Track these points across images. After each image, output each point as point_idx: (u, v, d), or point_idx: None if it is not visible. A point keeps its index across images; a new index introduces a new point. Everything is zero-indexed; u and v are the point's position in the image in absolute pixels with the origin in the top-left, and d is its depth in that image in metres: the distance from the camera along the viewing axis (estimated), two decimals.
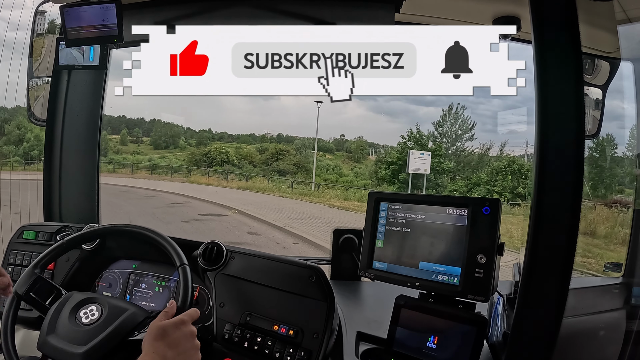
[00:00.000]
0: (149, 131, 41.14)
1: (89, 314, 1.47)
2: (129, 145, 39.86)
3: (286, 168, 34.32)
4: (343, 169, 35.59)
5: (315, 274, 1.65)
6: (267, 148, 37.07)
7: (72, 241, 1.69)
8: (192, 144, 39.81)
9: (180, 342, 1.26)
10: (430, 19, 2.19)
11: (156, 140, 40.04)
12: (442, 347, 1.52)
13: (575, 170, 1.28)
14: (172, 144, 40.19)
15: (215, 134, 40.25)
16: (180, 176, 32.56)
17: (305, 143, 37.91)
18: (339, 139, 39.75)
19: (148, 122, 41.79)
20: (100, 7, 1.75)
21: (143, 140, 40.73)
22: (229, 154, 36.11)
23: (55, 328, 1.43)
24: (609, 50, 2.05)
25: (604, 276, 2.15)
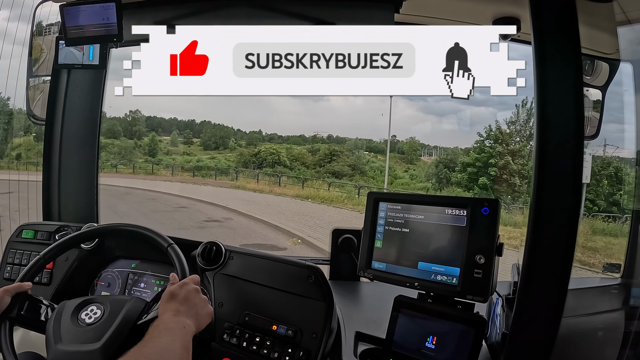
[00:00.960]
0: (200, 132, 41.00)
1: (91, 314, 1.47)
2: (180, 147, 39.60)
3: (341, 170, 32.41)
4: (397, 171, 33.76)
5: (314, 274, 1.65)
6: (319, 149, 35.42)
7: (69, 241, 1.70)
8: (242, 145, 39.32)
9: (188, 297, 1.37)
10: (430, 20, 2.19)
11: (206, 141, 39.74)
12: (440, 348, 1.52)
13: (574, 171, 1.28)
14: (221, 145, 39.78)
15: (265, 135, 39.74)
16: (226, 179, 30.98)
17: (358, 144, 36.52)
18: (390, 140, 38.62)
19: (199, 123, 41.64)
20: (100, 6, 1.75)
21: (193, 142, 40.52)
22: (280, 155, 34.32)
23: (62, 336, 1.41)
24: (609, 51, 2.05)
25: (603, 277, 2.15)
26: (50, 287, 1.92)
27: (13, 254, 2.05)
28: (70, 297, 1.76)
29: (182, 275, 1.55)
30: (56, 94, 2.38)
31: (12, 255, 2.05)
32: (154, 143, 38.17)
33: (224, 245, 1.82)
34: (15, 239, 2.10)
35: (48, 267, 1.93)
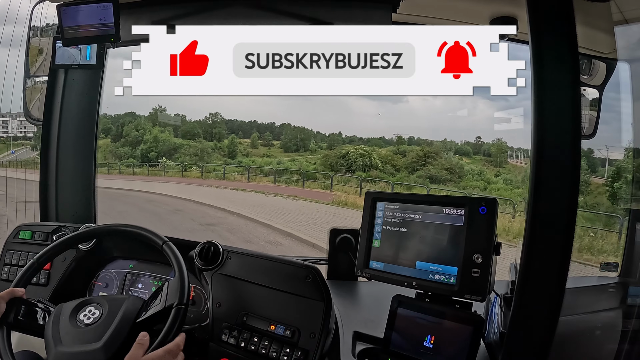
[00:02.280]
0: (280, 135, 40.64)
1: (89, 314, 1.47)
2: (260, 149, 39.18)
3: (438, 174, 28.61)
4: (488, 175, 30.52)
5: (312, 274, 1.65)
6: (405, 150, 32.34)
7: (62, 245, 1.69)
8: (323, 147, 38.28)
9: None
10: (428, 19, 2.20)
11: (286, 143, 39.26)
12: (438, 347, 1.52)
13: (572, 170, 1.28)
14: (302, 147, 39.19)
15: (345, 137, 38.57)
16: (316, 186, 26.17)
17: (447, 145, 33.46)
18: (474, 142, 35.59)
19: (279, 126, 41.38)
20: (98, 6, 1.75)
21: (273, 144, 40.19)
22: (371, 157, 31.12)
23: (61, 338, 1.41)
24: (606, 50, 2.06)
25: (600, 275, 2.15)
26: (47, 288, 1.92)
27: (10, 254, 2.05)
28: (68, 298, 1.76)
29: (179, 272, 1.52)
30: (53, 94, 2.38)
31: (10, 256, 2.05)
32: (233, 145, 37.95)
33: (221, 245, 1.82)
34: (12, 240, 2.09)
35: (45, 268, 1.93)
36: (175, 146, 37.49)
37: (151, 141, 37.81)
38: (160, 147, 37.03)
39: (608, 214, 13.76)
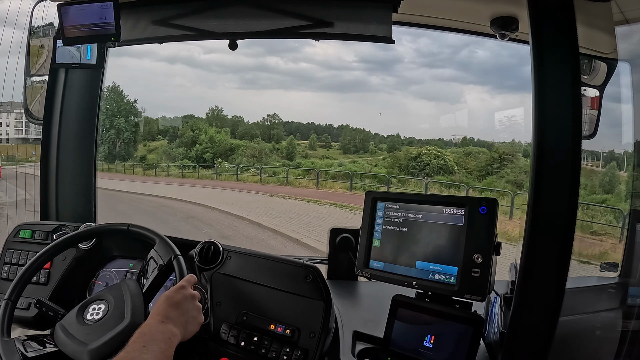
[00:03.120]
0: (338, 136, 40.30)
1: (98, 310, 1.50)
2: (318, 150, 39.07)
3: (517, 178, 25.16)
4: None
5: (312, 274, 1.65)
6: (471, 152, 31.05)
7: (65, 242, 1.70)
8: (383, 148, 37.65)
9: (182, 303, 1.38)
10: (428, 19, 2.20)
11: (345, 144, 39.07)
12: (438, 347, 1.52)
13: (572, 170, 1.28)
14: (361, 149, 38.85)
15: (403, 138, 38.46)
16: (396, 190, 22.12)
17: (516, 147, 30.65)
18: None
19: (336, 127, 41.21)
20: (98, 5, 1.75)
21: (332, 145, 39.96)
22: (446, 159, 28.73)
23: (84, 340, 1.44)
24: (607, 51, 2.05)
25: (600, 275, 2.15)
26: (47, 287, 1.92)
27: (11, 253, 2.05)
28: (68, 297, 1.78)
29: (159, 238, 1.64)
30: (54, 94, 2.39)
31: (10, 255, 2.05)
32: (292, 146, 37.63)
33: (221, 244, 1.82)
34: (12, 239, 2.10)
35: (46, 267, 1.93)
36: (232, 147, 36.63)
37: (207, 142, 37.09)
38: (216, 147, 36.33)
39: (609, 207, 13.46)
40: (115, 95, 47.39)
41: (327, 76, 59.01)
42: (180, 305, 1.38)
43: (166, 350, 1.24)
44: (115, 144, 45.63)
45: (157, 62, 63.68)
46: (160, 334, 1.27)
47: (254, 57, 61.80)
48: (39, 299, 1.63)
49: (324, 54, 56.88)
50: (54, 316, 1.60)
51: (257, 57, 61.63)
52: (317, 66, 60.33)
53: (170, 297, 1.39)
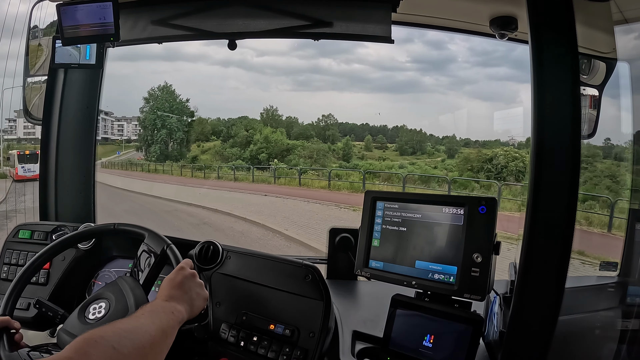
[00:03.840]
0: (392, 137, 39.82)
1: (98, 309, 1.50)
2: (374, 151, 38.69)
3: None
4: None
5: (312, 273, 1.65)
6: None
7: (65, 242, 1.70)
8: (441, 149, 36.93)
9: (183, 283, 1.42)
10: (427, 19, 2.20)
11: (402, 146, 38.67)
12: (438, 346, 1.52)
13: (571, 170, 1.28)
14: (419, 150, 38.35)
15: (459, 139, 38.34)
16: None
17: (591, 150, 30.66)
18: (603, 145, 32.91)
19: (391, 129, 40.80)
20: (97, 5, 1.75)
21: (388, 146, 39.54)
22: (525, 160, 25.68)
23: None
24: (606, 50, 2.06)
25: (599, 275, 2.15)
26: (47, 287, 1.92)
27: (10, 254, 2.05)
28: (67, 297, 1.78)
29: (148, 231, 1.67)
30: (53, 94, 2.38)
31: (9, 255, 2.05)
32: (348, 147, 37.18)
33: (221, 244, 1.82)
34: (12, 239, 2.10)
35: (45, 268, 1.93)
36: (289, 147, 35.77)
37: (262, 141, 36.24)
38: (271, 148, 35.64)
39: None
40: (167, 94, 46.91)
41: (380, 77, 58.86)
42: (183, 285, 1.42)
43: (169, 322, 1.25)
44: (167, 144, 45.16)
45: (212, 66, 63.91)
46: (162, 308, 1.29)
47: (307, 59, 61.59)
48: (38, 299, 1.63)
49: (376, 54, 56.66)
50: (54, 317, 1.60)
51: (309, 59, 61.39)
52: (369, 67, 60.21)
53: (171, 279, 1.42)
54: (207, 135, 45.06)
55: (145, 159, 46.10)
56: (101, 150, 65.34)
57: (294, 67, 64.42)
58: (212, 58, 64.88)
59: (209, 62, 66.60)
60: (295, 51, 66.09)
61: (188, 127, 45.44)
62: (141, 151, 50.90)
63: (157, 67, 68.15)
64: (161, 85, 47.56)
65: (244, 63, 65.08)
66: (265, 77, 66.37)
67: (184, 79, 63.61)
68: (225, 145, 38.38)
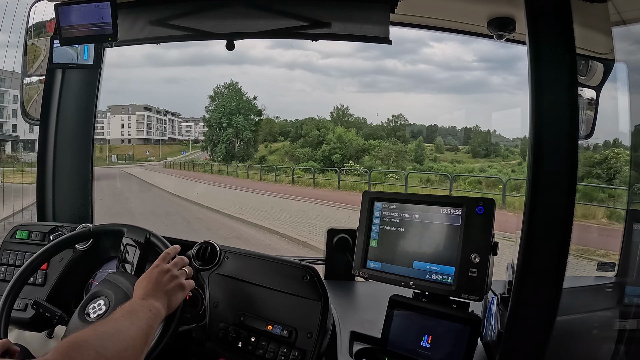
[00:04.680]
0: (463, 139, 39.23)
1: (97, 307, 1.50)
2: (445, 153, 37.87)
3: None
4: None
5: (309, 274, 1.65)
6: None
7: (62, 243, 1.70)
8: (515, 152, 35.35)
9: (158, 280, 1.44)
10: (425, 20, 2.20)
11: (475, 148, 37.78)
12: (436, 347, 1.52)
13: (569, 170, 1.28)
14: (492, 152, 37.36)
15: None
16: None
17: None
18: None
19: (460, 130, 40.15)
20: (95, 5, 1.75)
21: (459, 148, 38.84)
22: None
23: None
24: (603, 51, 2.06)
25: (597, 275, 2.15)
26: (44, 288, 1.92)
27: (7, 254, 2.05)
28: (65, 298, 1.77)
29: (161, 244, 1.68)
30: (50, 94, 2.38)
31: (7, 256, 2.05)
32: (420, 149, 36.01)
33: (218, 245, 1.82)
34: (9, 240, 2.09)
35: (42, 268, 1.92)
36: (364, 147, 34.30)
37: (334, 141, 34.85)
38: (345, 148, 34.44)
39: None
40: (233, 92, 46.40)
41: (447, 77, 58.51)
42: (159, 281, 1.43)
43: (148, 321, 1.28)
44: (234, 144, 44.50)
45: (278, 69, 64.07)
46: (140, 307, 1.31)
47: (372, 60, 61.42)
48: (36, 300, 1.63)
49: (442, 54, 56.34)
50: (51, 317, 1.60)
51: (375, 60, 61.21)
52: (435, 67, 59.94)
53: (146, 276, 1.45)
54: (274, 135, 44.04)
55: (211, 159, 45.03)
56: (167, 150, 65.91)
57: (360, 68, 64.36)
58: (277, 61, 65.28)
59: (274, 64, 67.05)
60: (360, 52, 66.07)
61: (255, 126, 44.80)
62: (206, 151, 50.32)
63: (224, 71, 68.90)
64: (227, 83, 46.38)
65: (310, 65, 65.21)
66: (330, 79, 66.48)
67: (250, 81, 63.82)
68: (296, 145, 37.22)
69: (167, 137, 69.96)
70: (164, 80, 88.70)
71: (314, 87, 66.94)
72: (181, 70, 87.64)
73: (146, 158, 62.28)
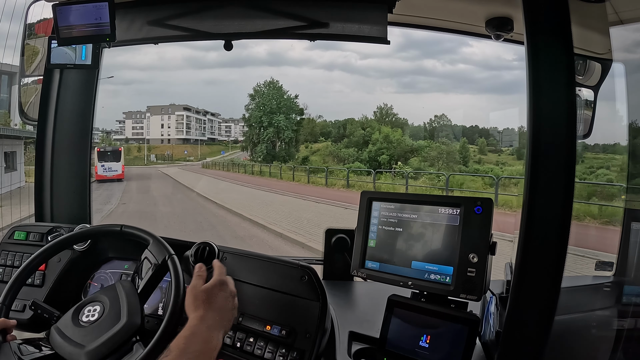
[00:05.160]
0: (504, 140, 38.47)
1: (93, 312, 1.50)
2: (488, 155, 37.27)
3: None
4: None
5: (308, 274, 1.65)
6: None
7: (60, 244, 1.70)
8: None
9: (224, 304, 1.42)
10: (423, 20, 2.20)
11: (520, 149, 36.41)
12: (434, 346, 1.52)
13: (566, 170, 1.28)
14: None
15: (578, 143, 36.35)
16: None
17: None
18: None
19: (501, 131, 39.70)
20: (93, 5, 1.75)
21: (502, 150, 38.23)
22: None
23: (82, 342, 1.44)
24: (601, 51, 2.06)
25: (595, 275, 2.16)
26: (43, 289, 1.91)
27: (5, 255, 2.04)
28: (63, 299, 1.77)
29: (152, 237, 1.64)
30: (48, 94, 2.37)
31: (4, 256, 2.04)
32: (464, 150, 35.32)
33: (217, 245, 1.82)
34: (7, 241, 2.09)
35: (41, 269, 1.92)
36: (412, 148, 32.86)
37: (381, 141, 33.34)
38: (393, 148, 33.29)
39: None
40: (274, 90, 45.15)
41: (486, 77, 58.05)
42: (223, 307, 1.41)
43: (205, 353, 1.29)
44: (275, 144, 43.31)
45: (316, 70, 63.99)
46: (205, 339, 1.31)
47: (411, 61, 61.12)
48: (34, 301, 1.62)
49: (481, 53, 55.87)
50: (49, 318, 1.59)
51: (413, 60, 60.90)
52: (475, 67, 59.59)
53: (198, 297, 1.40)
54: (315, 135, 43.00)
55: (251, 159, 43.96)
56: (207, 150, 65.68)
57: (398, 69, 64.10)
58: (316, 62, 65.39)
59: (313, 66, 67.20)
60: (398, 53, 65.75)
61: (297, 125, 43.85)
62: (246, 151, 49.26)
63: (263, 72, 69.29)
64: (267, 81, 45.18)
65: (348, 66, 65.15)
66: (369, 80, 66.36)
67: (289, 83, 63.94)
68: (339, 145, 36.36)
69: (207, 137, 69.99)
70: (204, 82, 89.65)
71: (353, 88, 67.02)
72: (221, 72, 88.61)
73: (185, 158, 61.98)
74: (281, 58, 68.67)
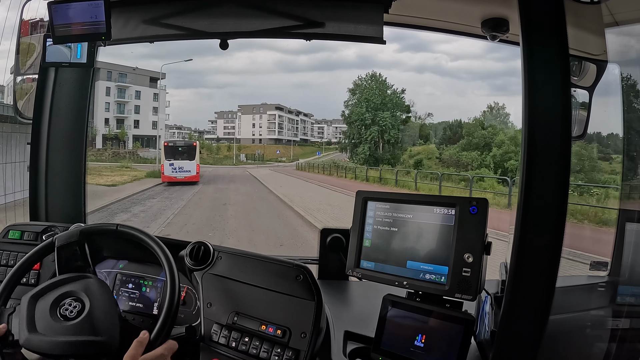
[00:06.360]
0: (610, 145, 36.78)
1: (70, 307, 1.48)
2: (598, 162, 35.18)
3: None
4: None
5: (303, 274, 1.65)
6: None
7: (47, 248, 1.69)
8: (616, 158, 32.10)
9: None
10: (419, 20, 2.21)
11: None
12: (429, 346, 1.53)
13: (561, 171, 1.29)
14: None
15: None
16: None
17: None
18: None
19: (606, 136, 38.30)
20: (89, 4, 1.74)
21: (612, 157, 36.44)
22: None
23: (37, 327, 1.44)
24: (596, 52, 2.07)
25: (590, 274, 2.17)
26: None
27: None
28: None
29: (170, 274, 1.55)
30: (43, 93, 2.36)
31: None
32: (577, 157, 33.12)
33: (212, 245, 1.82)
34: (1, 240, 2.07)
35: (35, 268, 1.91)
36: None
37: (508, 143, 29.40)
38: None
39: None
40: (378, 84, 40.37)
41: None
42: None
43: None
44: (377, 145, 38.72)
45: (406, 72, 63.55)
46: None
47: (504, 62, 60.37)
48: None
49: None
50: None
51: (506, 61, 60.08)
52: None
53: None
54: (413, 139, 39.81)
55: (350, 161, 39.75)
56: (300, 151, 65.49)
57: (490, 70, 63.42)
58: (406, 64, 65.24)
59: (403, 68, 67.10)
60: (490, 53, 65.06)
61: (403, 124, 39.67)
62: (345, 152, 44.93)
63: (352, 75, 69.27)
64: (369, 74, 41.17)
65: (438, 68, 64.83)
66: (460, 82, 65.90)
67: None
68: (455, 147, 32.80)
69: (299, 137, 69.83)
70: (295, 85, 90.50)
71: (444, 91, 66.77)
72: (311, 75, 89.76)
73: (276, 158, 61.54)
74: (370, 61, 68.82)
